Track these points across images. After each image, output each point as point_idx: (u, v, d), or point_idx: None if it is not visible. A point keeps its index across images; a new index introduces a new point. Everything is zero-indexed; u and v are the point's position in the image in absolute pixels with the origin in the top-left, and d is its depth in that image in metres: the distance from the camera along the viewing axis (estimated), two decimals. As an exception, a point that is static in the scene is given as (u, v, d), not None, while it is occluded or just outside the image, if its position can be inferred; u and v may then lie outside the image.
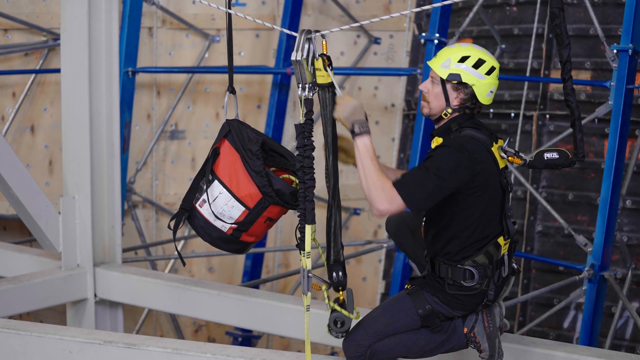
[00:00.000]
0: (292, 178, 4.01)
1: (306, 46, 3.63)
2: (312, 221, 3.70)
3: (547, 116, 6.75)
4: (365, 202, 7.79)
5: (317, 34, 3.65)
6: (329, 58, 3.65)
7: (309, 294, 3.74)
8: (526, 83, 6.79)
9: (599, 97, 6.43)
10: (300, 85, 3.67)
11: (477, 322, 3.78)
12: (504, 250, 3.77)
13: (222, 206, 3.95)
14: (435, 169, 3.53)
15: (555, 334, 6.57)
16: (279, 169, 4.07)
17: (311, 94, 3.66)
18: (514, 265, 3.87)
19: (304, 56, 3.62)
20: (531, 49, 6.72)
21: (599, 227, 5.45)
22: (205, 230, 4.02)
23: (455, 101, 3.73)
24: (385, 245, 7.01)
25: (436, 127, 3.80)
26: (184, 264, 4.27)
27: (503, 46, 6.99)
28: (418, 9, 3.84)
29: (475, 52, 3.72)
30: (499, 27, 7.00)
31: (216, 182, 3.96)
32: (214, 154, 3.99)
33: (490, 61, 3.71)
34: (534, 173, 6.68)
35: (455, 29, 6.81)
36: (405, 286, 3.84)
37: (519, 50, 6.94)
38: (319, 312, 4.74)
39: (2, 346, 4.62)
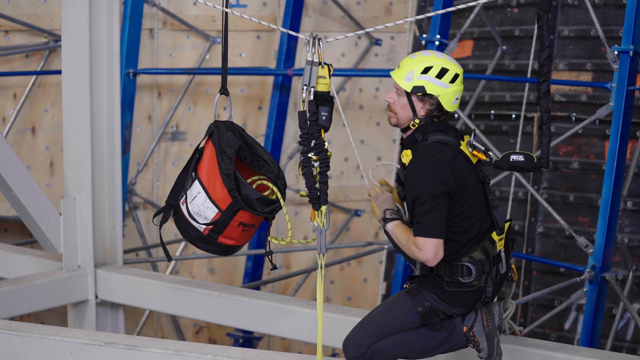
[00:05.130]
0: (267, 184, 4.03)
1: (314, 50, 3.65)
2: (325, 202, 3.70)
3: (548, 117, 6.74)
4: (366, 203, 7.80)
5: (323, 40, 3.66)
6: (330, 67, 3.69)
7: (322, 256, 3.73)
8: (527, 84, 6.78)
9: (600, 98, 6.43)
10: (305, 88, 3.67)
11: (477, 321, 3.78)
12: (500, 246, 3.78)
13: (199, 206, 3.98)
14: (431, 197, 3.58)
15: (556, 336, 6.57)
16: (260, 174, 4.10)
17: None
18: (510, 274, 3.89)
19: (316, 59, 3.63)
20: (532, 50, 6.72)
21: (599, 228, 5.45)
22: (185, 228, 4.05)
23: (422, 111, 3.73)
24: (386, 246, 7.02)
25: (404, 136, 3.81)
26: (169, 259, 4.28)
27: (504, 47, 6.98)
28: (421, 16, 3.85)
29: (438, 60, 3.70)
30: (500, 29, 7.00)
31: (197, 182, 3.99)
32: (199, 153, 4.02)
33: (454, 68, 3.70)
34: (535, 175, 6.67)
35: (456, 30, 6.81)
36: (405, 285, 3.85)
37: (520, 52, 6.93)
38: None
39: (3, 347, 4.63)
